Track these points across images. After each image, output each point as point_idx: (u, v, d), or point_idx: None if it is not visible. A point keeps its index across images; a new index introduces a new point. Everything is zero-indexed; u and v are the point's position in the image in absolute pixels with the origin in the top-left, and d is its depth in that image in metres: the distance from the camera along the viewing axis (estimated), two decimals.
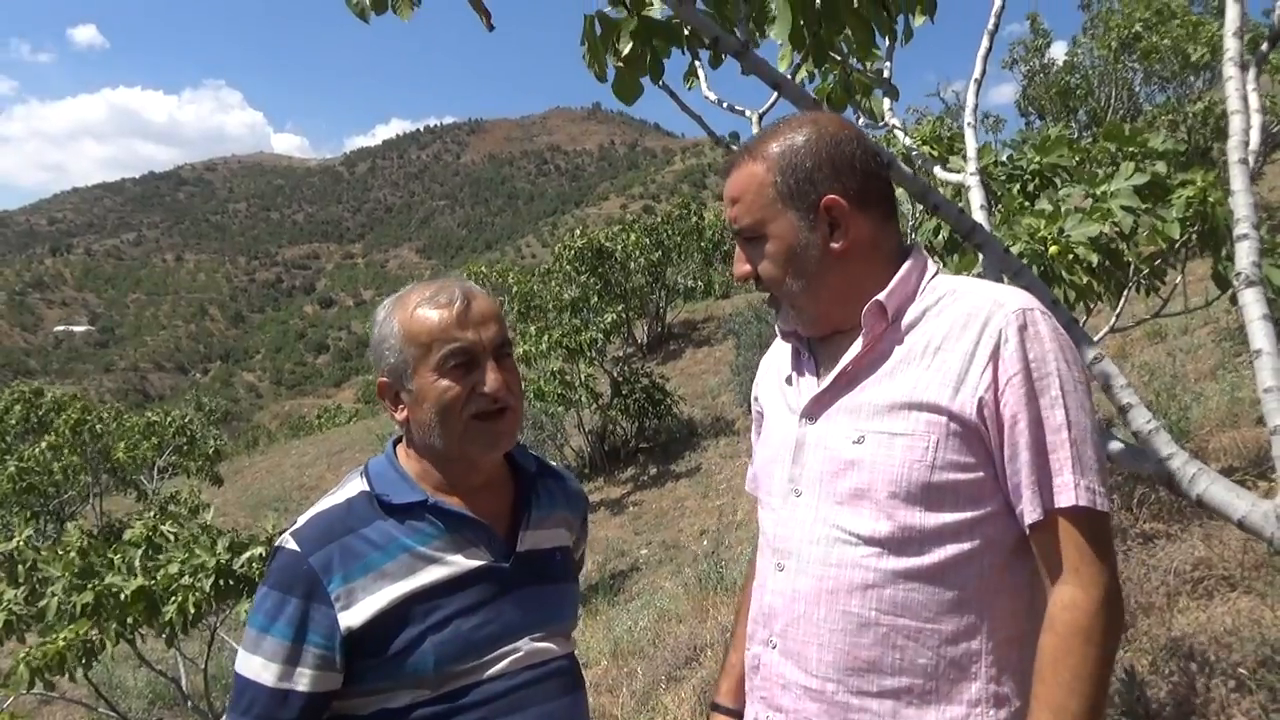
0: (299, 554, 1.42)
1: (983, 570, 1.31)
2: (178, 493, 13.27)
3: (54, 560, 4.55)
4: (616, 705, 4.71)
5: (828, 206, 1.38)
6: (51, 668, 4.19)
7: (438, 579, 1.44)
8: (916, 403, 1.32)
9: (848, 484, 1.35)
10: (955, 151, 5.00)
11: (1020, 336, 1.29)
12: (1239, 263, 1.76)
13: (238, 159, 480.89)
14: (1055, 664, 1.23)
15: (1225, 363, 7.32)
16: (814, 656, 1.36)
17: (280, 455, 26.44)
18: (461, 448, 1.49)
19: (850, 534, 1.34)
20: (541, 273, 19.08)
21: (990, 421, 1.29)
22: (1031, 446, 1.27)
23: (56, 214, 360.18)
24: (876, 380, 1.38)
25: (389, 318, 1.51)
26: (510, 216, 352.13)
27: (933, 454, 1.30)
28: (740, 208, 1.42)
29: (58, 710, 8.26)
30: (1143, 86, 17.38)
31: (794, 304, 1.43)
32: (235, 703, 1.41)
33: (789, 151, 1.40)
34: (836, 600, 1.34)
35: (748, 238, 1.43)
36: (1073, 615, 1.24)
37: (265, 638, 1.40)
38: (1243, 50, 1.97)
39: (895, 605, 1.31)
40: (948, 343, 1.34)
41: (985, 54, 2.39)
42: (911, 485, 1.30)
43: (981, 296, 1.36)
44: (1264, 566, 3.69)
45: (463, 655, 1.43)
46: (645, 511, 11.03)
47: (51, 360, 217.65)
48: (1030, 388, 1.28)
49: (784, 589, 1.41)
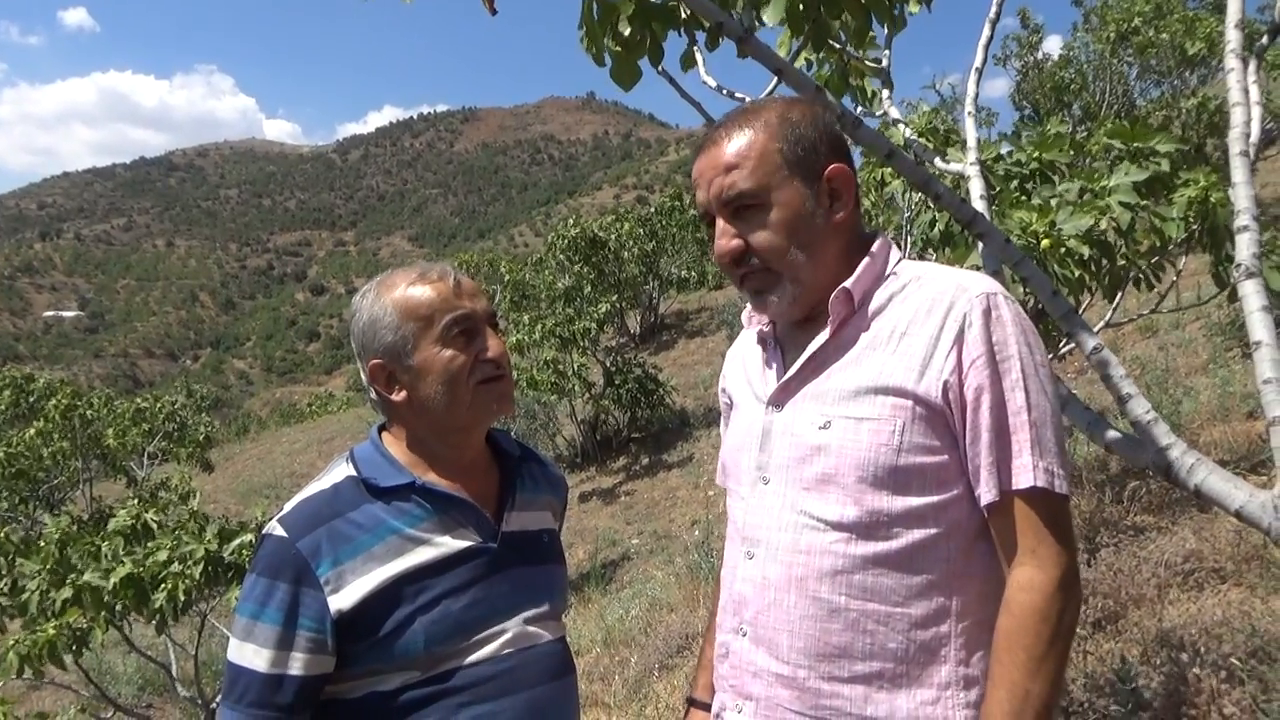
0: (286, 539, 1.41)
1: (950, 554, 1.32)
2: (168, 479, 13.23)
3: (32, 555, 4.55)
4: (608, 693, 4.72)
5: (831, 175, 1.38)
6: (41, 656, 4.17)
7: (426, 560, 1.44)
8: (882, 386, 1.32)
9: (814, 470, 1.35)
10: (951, 144, 4.99)
11: (985, 320, 1.30)
12: (1239, 254, 1.76)
13: (229, 145, 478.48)
14: (1012, 645, 1.24)
15: (1217, 357, 7.35)
16: (785, 643, 1.36)
17: (271, 442, 26.41)
18: (470, 415, 1.50)
19: (818, 520, 1.34)
20: (534, 262, 19.06)
21: (955, 404, 1.30)
22: (992, 428, 1.28)
23: (46, 198, 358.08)
24: (842, 366, 1.38)
25: (378, 299, 1.51)
26: (503, 205, 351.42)
27: (899, 437, 1.30)
28: (741, 173, 1.36)
29: (47, 696, 8.24)
30: (1138, 81, 17.38)
31: (795, 278, 1.39)
32: (229, 690, 1.41)
33: (789, 123, 1.38)
34: (806, 586, 1.34)
35: (745, 205, 1.37)
36: (1029, 596, 1.25)
37: (256, 624, 1.39)
38: (1244, 42, 1.96)
39: (864, 590, 1.31)
40: (913, 327, 1.34)
41: (987, 43, 2.37)
42: (879, 469, 1.30)
43: (946, 281, 1.37)
44: (1255, 559, 3.71)
45: (452, 635, 1.43)
46: (637, 501, 11.04)
47: (41, 345, 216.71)
48: (994, 370, 1.29)
49: (754, 576, 1.41)
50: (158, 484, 13.26)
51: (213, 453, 19.66)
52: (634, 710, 4.45)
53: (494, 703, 1.45)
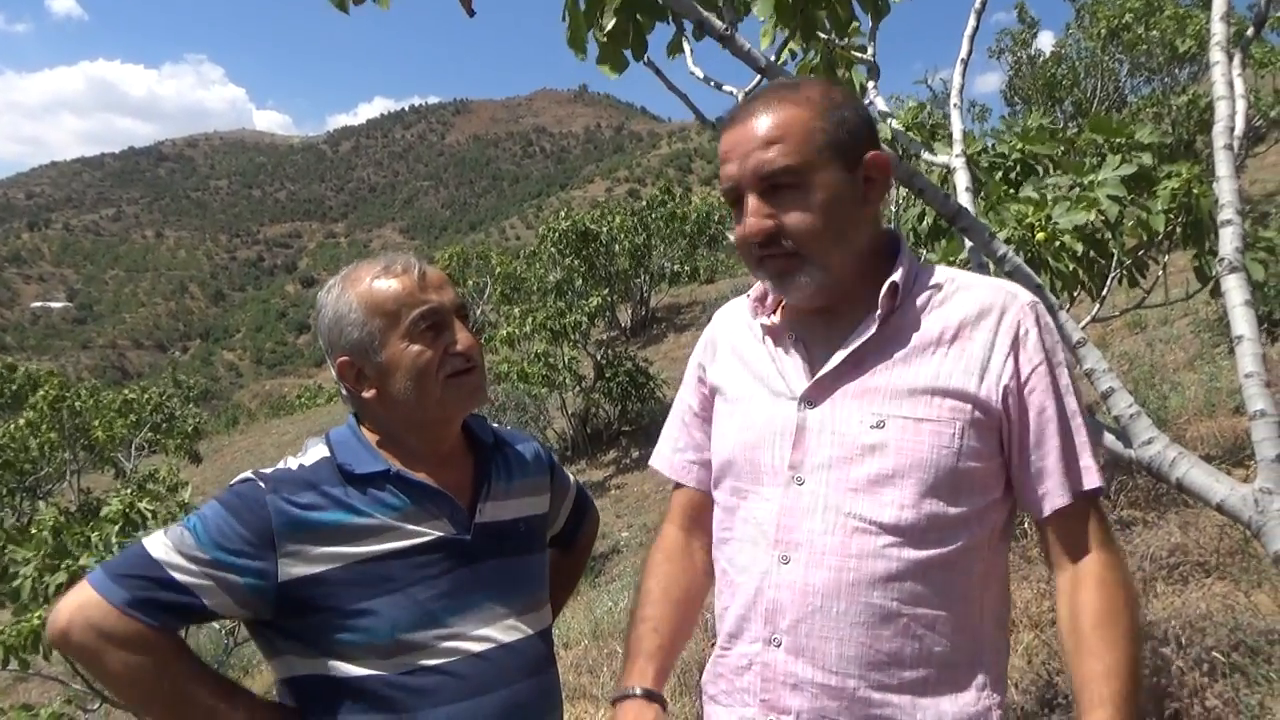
0: (261, 489, 1.40)
1: (985, 557, 1.33)
2: (156, 470, 13.18)
3: (25, 542, 4.51)
4: (597, 685, 4.72)
5: (872, 162, 1.33)
6: (27, 646, 4.15)
7: (395, 546, 1.43)
8: (942, 389, 1.30)
9: (866, 470, 1.29)
10: (937, 139, 5.00)
11: (1039, 327, 1.33)
12: (1222, 248, 1.77)
13: (219, 135, 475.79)
14: (1116, 619, 1.27)
15: (1203, 353, 7.39)
16: (834, 652, 1.29)
17: (260, 434, 26.33)
18: (440, 410, 1.49)
19: (870, 522, 1.28)
20: (526, 255, 19.03)
21: (1013, 409, 1.31)
22: (1060, 434, 1.30)
23: (34, 188, 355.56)
24: (890, 365, 1.32)
25: (342, 295, 1.49)
26: (495, 198, 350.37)
27: (959, 441, 1.28)
28: (780, 149, 1.28)
29: (33, 686, 8.22)
30: (1129, 78, 17.44)
31: (825, 262, 1.31)
32: (113, 561, 1.38)
33: (834, 102, 1.32)
34: (858, 593, 1.28)
35: (782, 184, 1.29)
36: (1118, 575, 1.30)
37: (187, 535, 1.36)
38: (1229, 36, 1.97)
39: (915, 595, 1.28)
40: (965, 330, 1.33)
41: (972, 34, 2.37)
42: (940, 471, 1.28)
43: (993, 287, 1.38)
44: (1238, 553, 3.74)
45: (421, 624, 1.41)
46: (627, 494, 11.05)
47: (28, 336, 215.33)
48: (1053, 377, 1.31)
49: (792, 582, 1.32)
50: (145, 475, 13.21)
51: (201, 444, 19.60)
52: None
53: (471, 700, 1.43)
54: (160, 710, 1.37)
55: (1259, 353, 1.65)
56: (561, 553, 1.87)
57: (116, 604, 1.32)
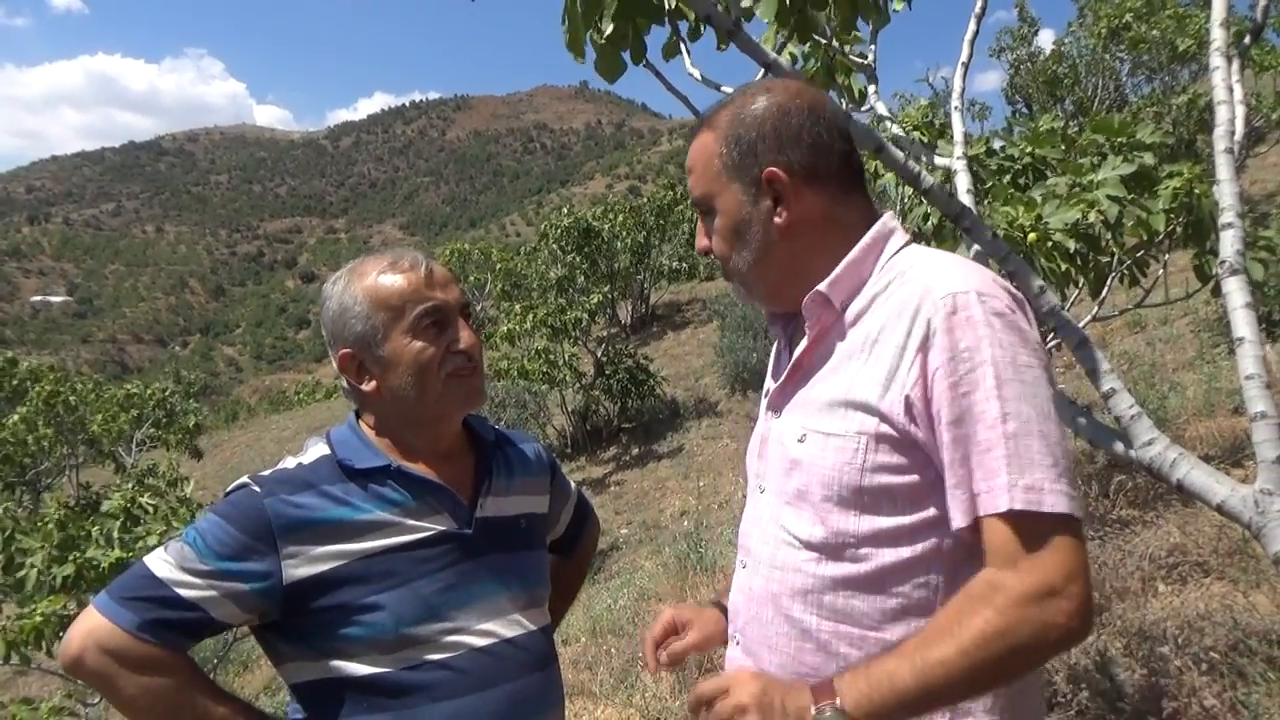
0: (257, 494, 1.40)
1: (928, 579, 1.21)
2: (155, 465, 13.20)
3: (33, 532, 4.50)
4: (595, 683, 4.73)
5: (768, 179, 1.30)
6: (28, 642, 4.16)
7: (397, 541, 1.43)
8: (850, 401, 1.24)
9: (792, 484, 1.30)
10: (944, 138, 5.00)
11: (948, 324, 1.16)
12: (1223, 251, 1.77)
13: (220, 130, 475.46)
14: (958, 615, 1.11)
15: (1203, 353, 7.40)
16: (766, 658, 1.32)
17: (260, 429, 26.34)
18: (439, 408, 1.49)
19: (793, 536, 1.29)
20: (527, 251, 19.03)
21: (920, 420, 1.18)
22: (954, 445, 1.14)
23: (35, 182, 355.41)
24: (822, 376, 1.30)
25: (348, 288, 1.49)
26: (495, 194, 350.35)
27: (863, 456, 1.21)
28: (693, 178, 1.38)
29: (33, 681, 8.23)
30: (1129, 77, 17.43)
31: (743, 280, 1.37)
32: (116, 584, 1.38)
33: (736, 122, 1.33)
34: (780, 604, 1.30)
35: (702, 210, 1.38)
36: (990, 590, 1.10)
37: (188, 549, 1.37)
38: (1229, 41, 1.97)
39: (835, 612, 1.24)
40: (884, 334, 1.23)
41: (972, 38, 2.38)
42: (843, 488, 1.22)
43: (919, 280, 1.24)
44: (1237, 553, 3.75)
45: (423, 618, 1.41)
46: (626, 491, 11.06)
47: (28, 330, 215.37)
48: (957, 380, 1.14)
49: (744, 586, 1.39)
50: (145, 470, 13.23)
51: (201, 439, 19.62)
52: (620, 699, 4.47)
53: (474, 695, 1.43)
54: None
55: (1260, 355, 1.66)
56: (562, 559, 1.87)
57: (126, 628, 1.32)
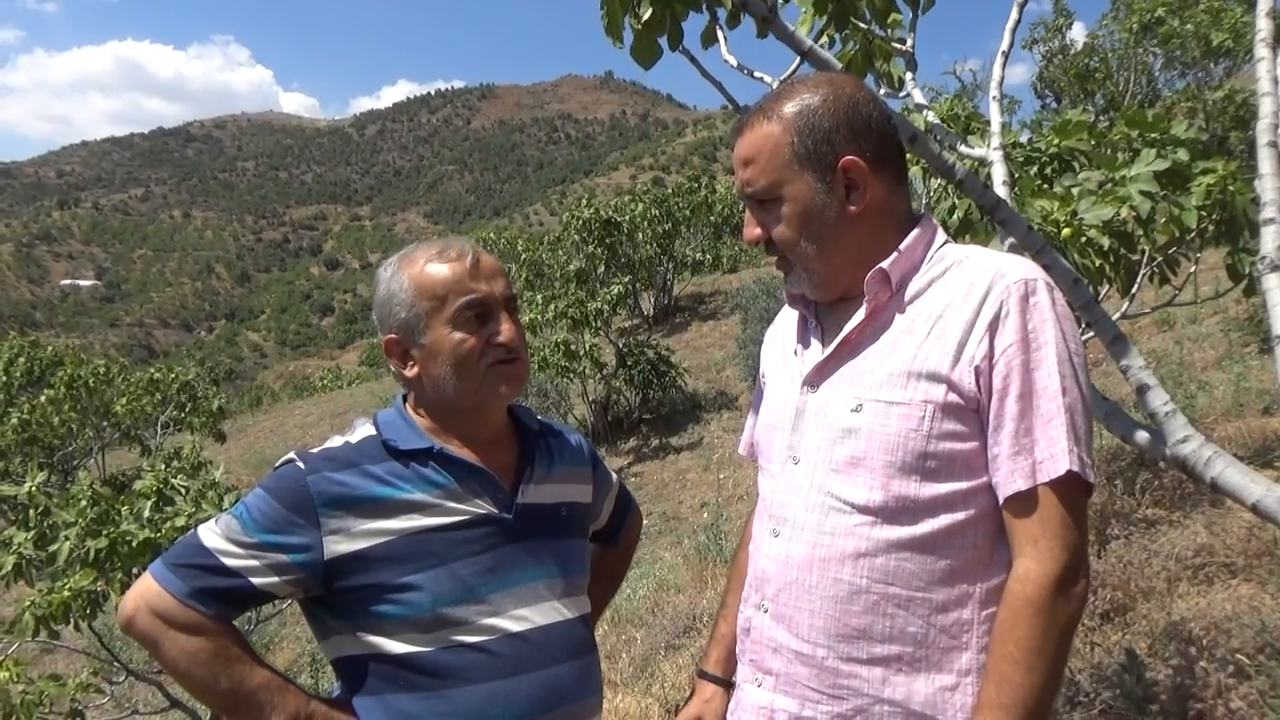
0: (301, 470, 1.45)
1: (976, 540, 1.31)
2: (179, 449, 13.34)
3: (68, 506, 4.54)
4: (615, 672, 4.75)
5: (845, 167, 1.36)
6: (56, 617, 4.21)
7: (438, 522, 1.45)
8: (916, 371, 1.32)
9: (844, 452, 1.36)
10: (972, 131, 4.95)
11: (1021, 306, 1.29)
12: (1264, 246, 1.74)
13: (247, 117, 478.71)
14: (1004, 637, 1.25)
15: (1232, 353, 7.30)
16: (805, 622, 1.37)
17: (284, 415, 26.52)
18: (478, 396, 1.51)
19: (845, 502, 1.35)
20: (550, 241, 19.02)
21: (984, 390, 1.29)
22: (1018, 416, 1.27)
23: (65, 167, 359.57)
24: (878, 349, 1.37)
25: (397, 274, 1.52)
26: (519, 184, 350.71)
27: (929, 423, 1.30)
28: (754, 169, 1.40)
29: (60, 659, 8.34)
30: (1162, 72, 17.17)
31: (807, 267, 1.42)
32: (171, 551, 1.45)
33: (806, 112, 1.37)
34: (829, 568, 1.35)
35: (761, 200, 1.41)
36: (1023, 588, 1.25)
37: (236, 522, 1.43)
38: (1274, 32, 1.93)
39: (887, 574, 1.31)
40: (949, 311, 1.33)
41: (1014, 26, 2.35)
42: (908, 454, 1.30)
43: (986, 265, 1.36)
44: (1266, 554, 3.70)
45: (461, 599, 1.44)
46: (646, 482, 11.06)
47: (57, 313, 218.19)
48: (1026, 357, 1.27)
49: (778, 554, 1.42)
50: (169, 454, 13.36)
51: (226, 424, 19.79)
52: (640, 689, 4.48)
53: (509, 679, 1.44)
54: (216, 697, 1.42)
55: None
56: (605, 550, 1.89)
57: (176, 594, 1.39)
